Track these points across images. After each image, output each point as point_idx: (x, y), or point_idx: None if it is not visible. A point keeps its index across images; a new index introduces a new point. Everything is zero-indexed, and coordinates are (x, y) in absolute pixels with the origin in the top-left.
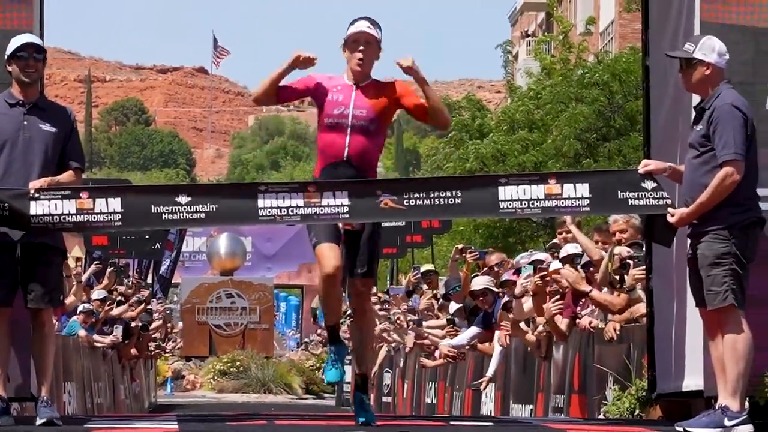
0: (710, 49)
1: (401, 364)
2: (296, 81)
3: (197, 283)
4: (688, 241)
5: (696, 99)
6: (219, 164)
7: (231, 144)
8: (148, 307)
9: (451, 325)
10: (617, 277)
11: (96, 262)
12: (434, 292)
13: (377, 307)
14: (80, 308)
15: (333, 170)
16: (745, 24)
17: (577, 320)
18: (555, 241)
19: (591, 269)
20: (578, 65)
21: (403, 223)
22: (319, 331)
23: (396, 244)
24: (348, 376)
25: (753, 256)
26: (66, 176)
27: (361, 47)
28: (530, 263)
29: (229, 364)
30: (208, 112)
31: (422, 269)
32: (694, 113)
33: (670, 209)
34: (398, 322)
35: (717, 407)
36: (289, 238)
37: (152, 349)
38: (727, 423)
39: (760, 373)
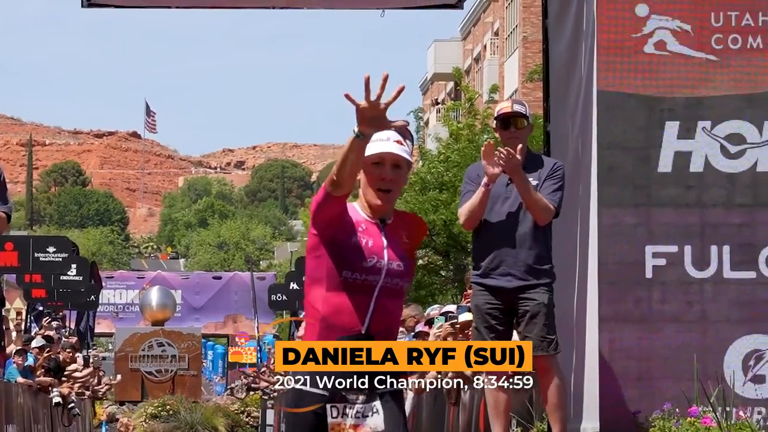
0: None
1: None
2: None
3: (130, 332)
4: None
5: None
6: (151, 222)
7: (162, 203)
8: (91, 353)
9: None
10: None
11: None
12: None
13: None
14: (13, 351)
15: None
16: (639, 93)
17: None
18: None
19: None
20: (483, 131)
21: None
22: (242, 377)
23: None
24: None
25: None
26: None
27: (387, 175)
28: (441, 314)
29: (159, 408)
30: (140, 174)
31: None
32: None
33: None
34: None
35: None
36: (216, 291)
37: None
38: None
39: (649, 415)
